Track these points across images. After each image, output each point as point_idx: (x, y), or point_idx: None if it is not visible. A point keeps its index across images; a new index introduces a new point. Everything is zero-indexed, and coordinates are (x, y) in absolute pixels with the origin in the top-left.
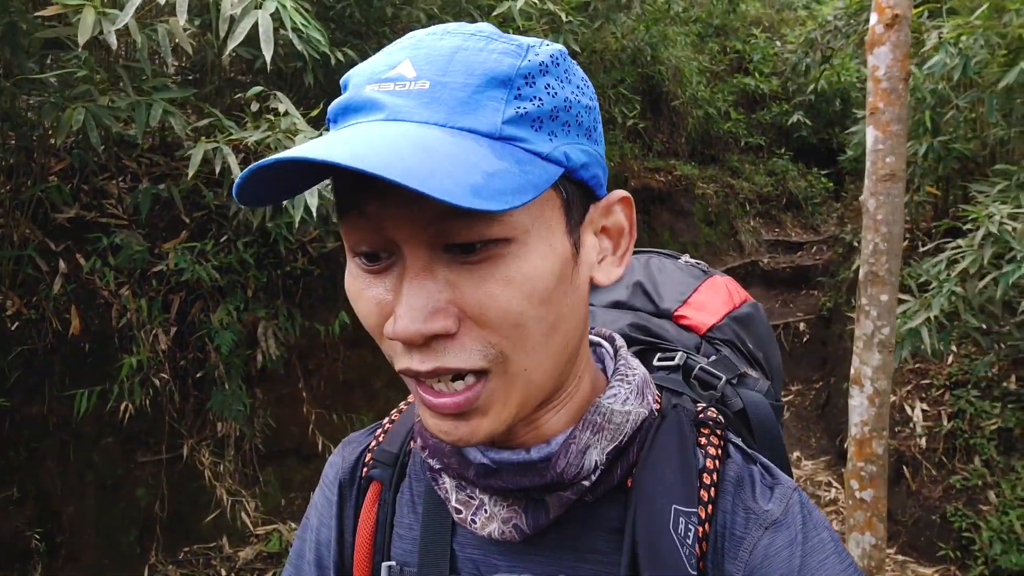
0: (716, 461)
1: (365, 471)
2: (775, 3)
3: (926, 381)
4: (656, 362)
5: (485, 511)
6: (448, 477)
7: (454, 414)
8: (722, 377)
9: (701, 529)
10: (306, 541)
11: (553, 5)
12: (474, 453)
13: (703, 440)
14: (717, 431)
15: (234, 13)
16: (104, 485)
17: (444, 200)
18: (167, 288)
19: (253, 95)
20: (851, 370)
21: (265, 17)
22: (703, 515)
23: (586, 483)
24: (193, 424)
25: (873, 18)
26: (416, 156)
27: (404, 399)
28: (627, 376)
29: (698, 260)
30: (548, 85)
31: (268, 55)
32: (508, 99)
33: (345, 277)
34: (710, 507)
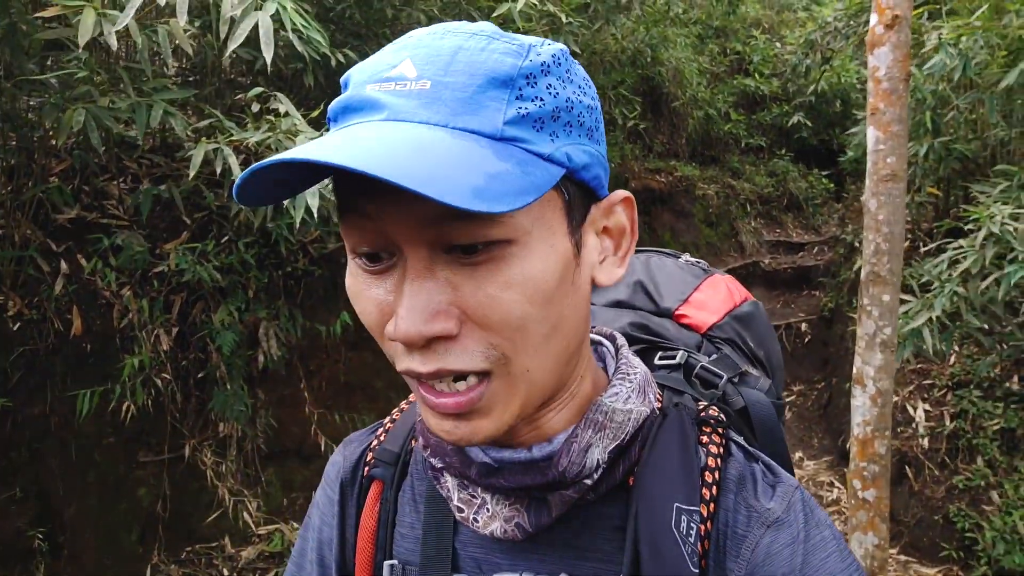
0: (718, 459)
1: (367, 470)
2: (775, 4)
3: (928, 381)
4: (657, 361)
5: (487, 510)
6: (450, 476)
7: (455, 414)
8: (723, 376)
9: (703, 527)
10: (308, 540)
11: (553, 6)
12: (476, 452)
13: (705, 438)
14: (719, 429)
15: (234, 15)
16: (106, 485)
17: (445, 203)
18: (168, 289)
19: (254, 96)
20: (853, 370)
21: (265, 19)
22: (705, 513)
23: (588, 482)
24: (195, 424)
25: (873, 19)
26: (416, 158)
27: (405, 400)
28: (628, 375)
29: (698, 259)
30: (550, 85)
31: (268, 57)
32: (509, 99)
33: (346, 277)
34: (712, 505)
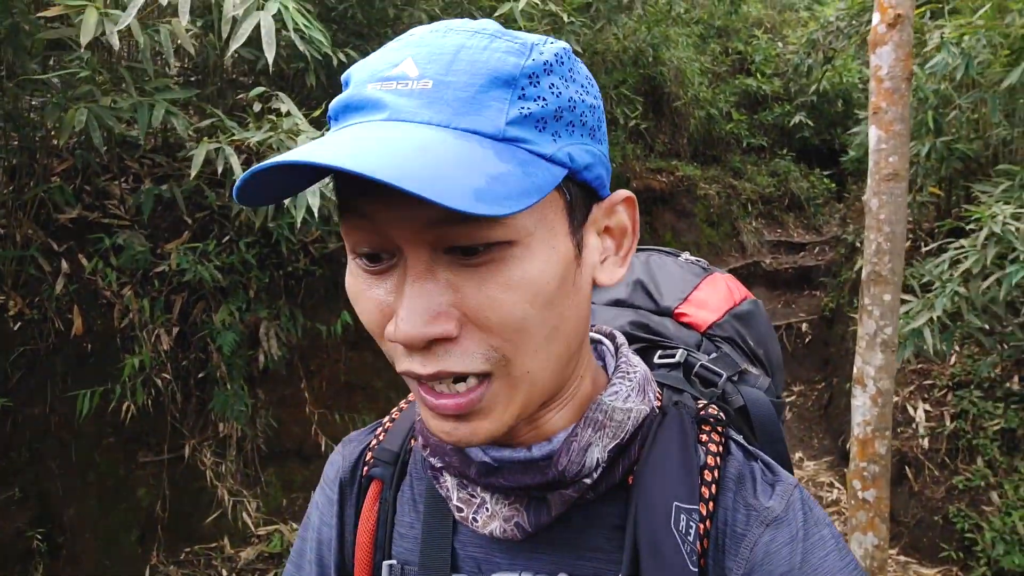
0: (717, 458)
1: (366, 470)
2: (777, 4)
3: (929, 381)
4: (657, 359)
5: (487, 509)
6: (449, 475)
7: (455, 415)
8: (723, 374)
9: (702, 526)
10: (307, 540)
11: (555, 6)
12: (475, 451)
13: (704, 437)
14: (718, 428)
15: (236, 14)
16: (106, 485)
17: (446, 206)
18: (169, 288)
19: (255, 96)
20: (854, 370)
21: (267, 19)
22: (704, 512)
23: (588, 481)
24: (195, 424)
25: (875, 18)
26: (418, 159)
27: (404, 400)
28: (628, 373)
29: (698, 258)
30: (552, 85)
31: (270, 57)
32: (512, 99)
33: (346, 277)
34: (711, 504)
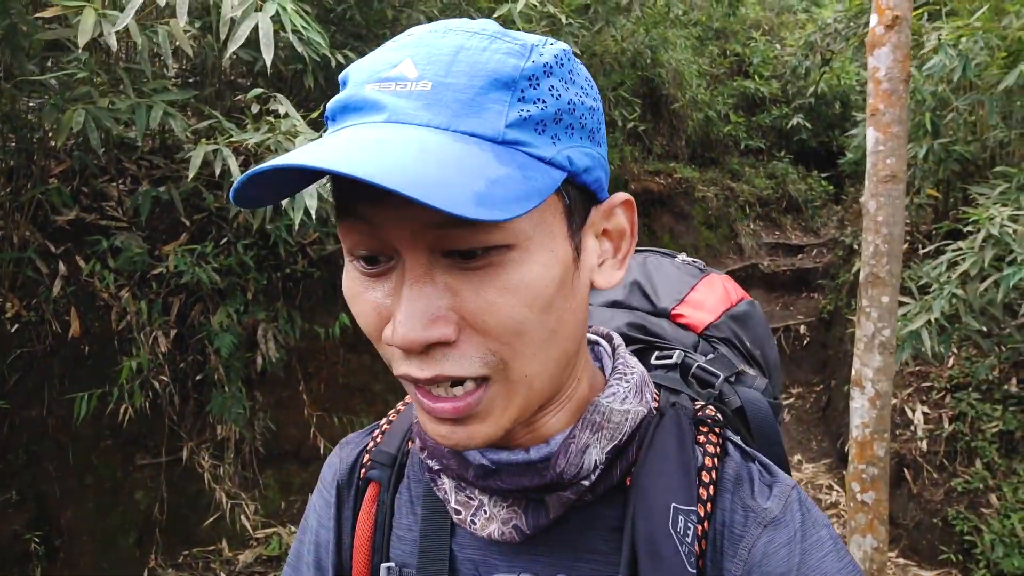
0: (715, 459)
1: (363, 472)
2: (775, 6)
3: (927, 384)
4: (654, 360)
5: (485, 512)
6: (447, 478)
7: (452, 419)
8: (720, 375)
9: (700, 527)
10: (304, 543)
11: (553, 8)
12: (473, 454)
13: (702, 438)
14: (715, 429)
15: (234, 16)
16: (103, 488)
17: (448, 212)
18: (167, 290)
19: (253, 97)
20: (852, 372)
21: (265, 20)
22: (702, 513)
23: (586, 483)
24: (193, 427)
25: (873, 19)
26: (418, 164)
27: (402, 402)
28: (625, 375)
29: (695, 259)
30: (552, 87)
31: (268, 59)
32: (511, 102)
33: (343, 278)
34: (709, 505)
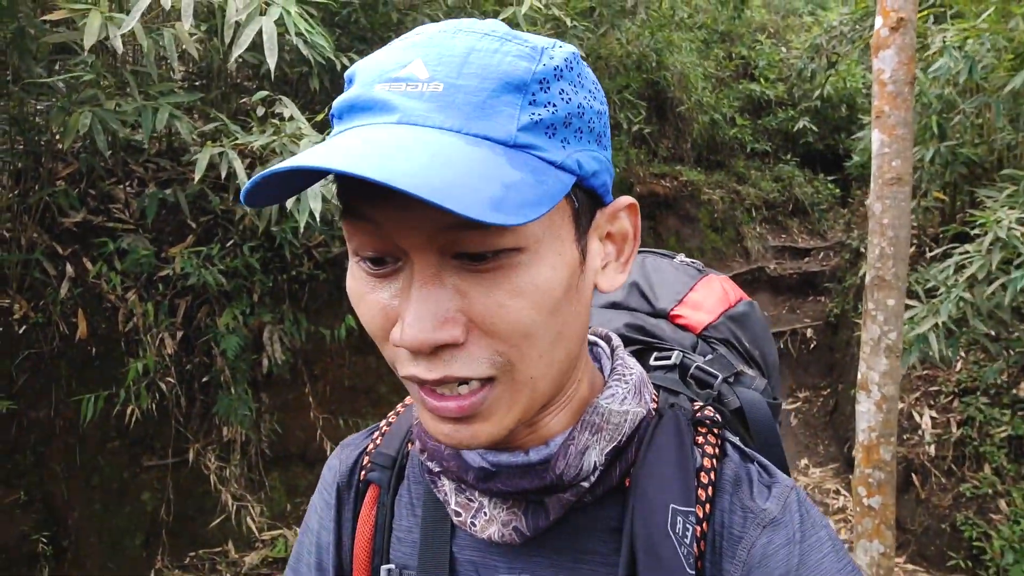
0: (714, 460)
1: (363, 474)
2: (780, 9)
3: (935, 388)
4: (653, 361)
5: (484, 514)
6: (447, 480)
7: (456, 418)
8: (718, 376)
9: (699, 528)
10: (304, 544)
11: (558, 10)
12: (473, 456)
13: (700, 439)
14: (714, 430)
15: (239, 19)
16: (110, 489)
17: (466, 216)
18: (173, 292)
19: (258, 100)
20: (858, 376)
21: (269, 24)
22: (701, 514)
23: (585, 484)
24: (199, 428)
25: (878, 22)
26: (435, 167)
27: (401, 403)
28: (624, 376)
29: (693, 260)
30: (562, 90)
31: (272, 62)
32: (523, 105)
33: (347, 279)
34: (708, 506)
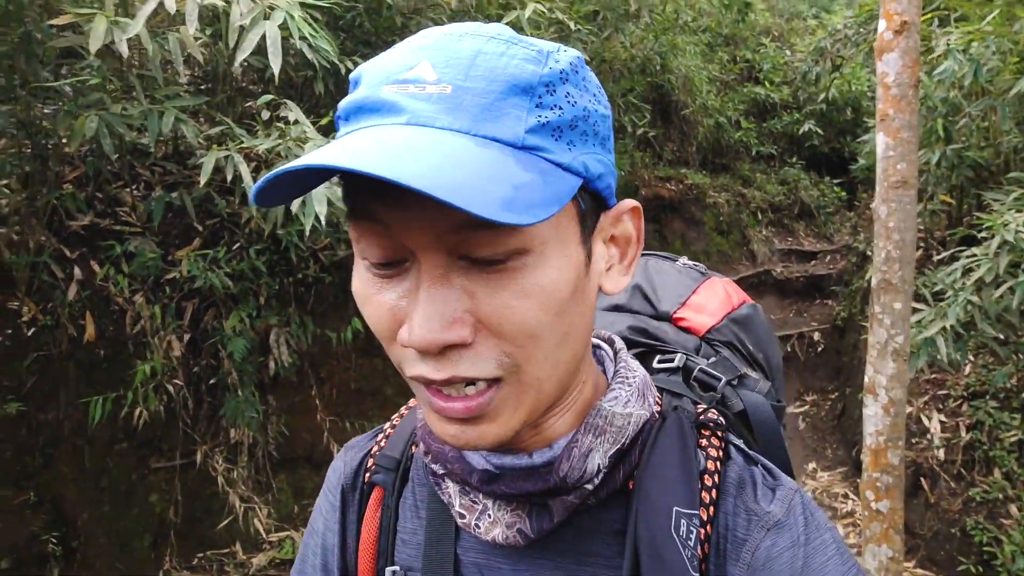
0: (717, 463)
1: (368, 476)
2: (784, 12)
3: (943, 392)
4: (656, 364)
5: (489, 516)
6: (451, 482)
7: (463, 419)
8: (722, 378)
9: (703, 531)
10: (309, 546)
11: (561, 14)
12: (477, 459)
13: (704, 442)
14: (718, 432)
15: (243, 24)
16: (119, 490)
17: (479, 215)
18: (180, 295)
19: (264, 104)
20: (865, 379)
21: (273, 28)
22: (705, 517)
23: (589, 487)
24: (207, 430)
25: (881, 25)
26: (446, 167)
27: (405, 405)
28: (627, 378)
29: (696, 262)
30: (568, 94)
31: (276, 67)
32: (530, 108)
33: (353, 280)
34: (712, 509)
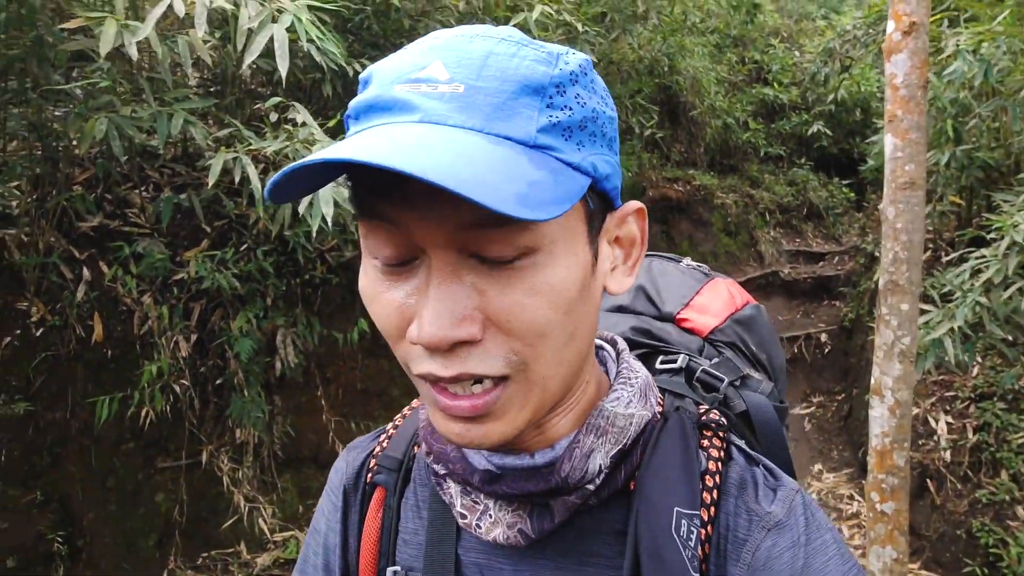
0: (718, 463)
1: (370, 477)
2: (793, 13)
3: (951, 393)
4: (658, 365)
5: (490, 516)
6: (453, 482)
7: (468, 417)
8: (724, 379)
9: (703, 531)
10: (311, 546)
11: (569, 16)
12: (478, 459)
13: (705, 442)
14: (719, 433)
15: (251, 27)
16: (125, 490)
17: (496, 210)
18: (188, 296)
19: (272, 106)
20: (871, 381)
21: (280, 31)
22: (705, 517)
23: (590, 487)
24: (212, 431)
25: (890, 26)
26: (460, 164)
27: (408, 406)
28: (630, 379)
29: (699, 263)
30: (578, 95)
31: (283, 69)
32: (541, 108)
33: (360, 278)
34: (712, 509)
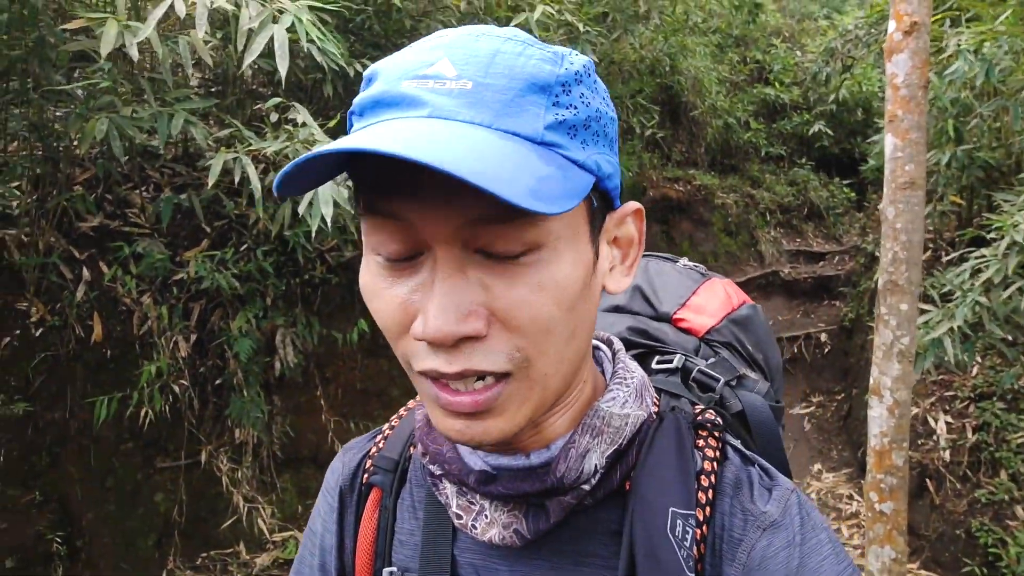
0: (714, 463)
1: (366, 477)
2: (795, 13)
3: (950, 393)
4: (655, 365)
5: (486, 516)
6: (449, 483)
7: (469, 413)
8: (720, 379)
9: (699, 531)
10: (307, 547)
11: (570, 16)
12: (474, 459)
13: (701, 442)
14: (715, 433)
15: (252, 27)
16: (124, 490)
17: (511, 201)
18: (187, 296)
19: (272, 106)
20: (870, 381)
21: (281, 32)
22: (701, 517)
23: (586, 487)
24: (212, 431)
25: (891, 25)
26: (472, 157)
27: (404, 407)
28: (626, 379)
29: (696, 263)
30: (583, 94)
31: (283, 70)
32: (547, 105)
33: (361, 275)
34: (708, 509)
